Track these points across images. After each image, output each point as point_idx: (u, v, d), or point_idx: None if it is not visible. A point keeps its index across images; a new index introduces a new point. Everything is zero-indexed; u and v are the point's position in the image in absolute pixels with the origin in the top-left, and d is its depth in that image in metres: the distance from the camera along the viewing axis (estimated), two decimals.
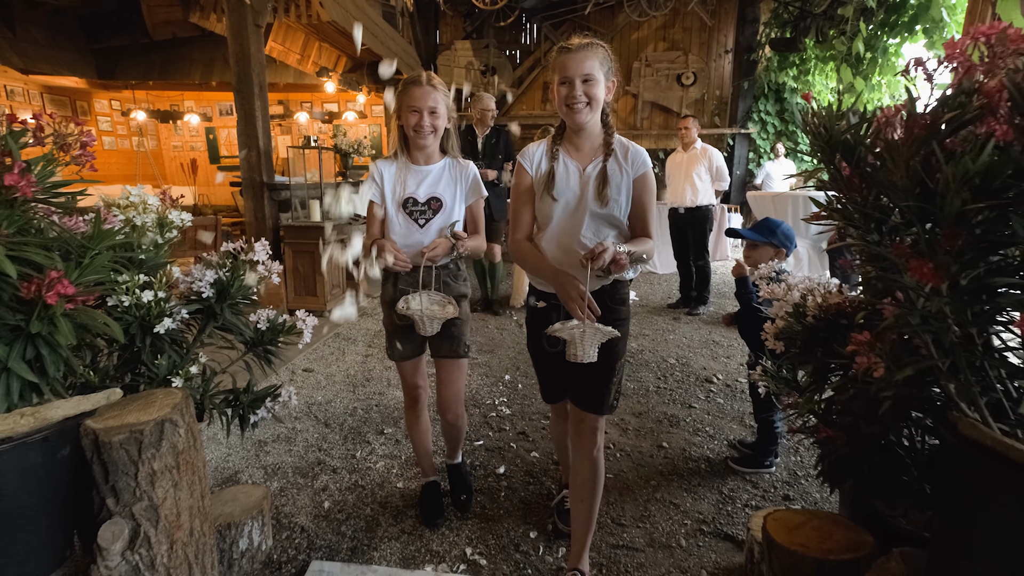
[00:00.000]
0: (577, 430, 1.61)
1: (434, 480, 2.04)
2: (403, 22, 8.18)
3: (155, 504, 1.28)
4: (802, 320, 1.42)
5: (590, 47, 1.45)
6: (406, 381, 1.92)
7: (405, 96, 1.70)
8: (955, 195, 0.79)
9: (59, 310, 1.10)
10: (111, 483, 1.24)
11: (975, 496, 0.93)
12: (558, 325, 1.40)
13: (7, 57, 5.94)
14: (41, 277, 1.09)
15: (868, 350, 1.06)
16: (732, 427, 2.64)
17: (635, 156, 1.53)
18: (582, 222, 1.51)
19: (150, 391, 1.41)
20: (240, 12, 4.08)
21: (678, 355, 3.69)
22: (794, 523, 1.40)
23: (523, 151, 1.60)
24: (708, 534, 1.87)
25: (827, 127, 0.98)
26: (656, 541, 1.84)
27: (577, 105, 1.44)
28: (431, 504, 1.95)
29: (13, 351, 1.09)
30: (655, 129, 9.28)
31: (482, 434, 2.56)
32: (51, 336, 1.12)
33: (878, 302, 1.12)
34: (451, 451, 2.10)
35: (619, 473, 2.24)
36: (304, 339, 1.86)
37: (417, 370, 1.91)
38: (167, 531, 1.31)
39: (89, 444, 1.22)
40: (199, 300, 1.60)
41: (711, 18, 8.68)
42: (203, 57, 7.26)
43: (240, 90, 4.22)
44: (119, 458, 1.23)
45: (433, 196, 1.78)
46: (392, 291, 1.80)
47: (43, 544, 1.19)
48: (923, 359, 0.95)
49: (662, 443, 2.48)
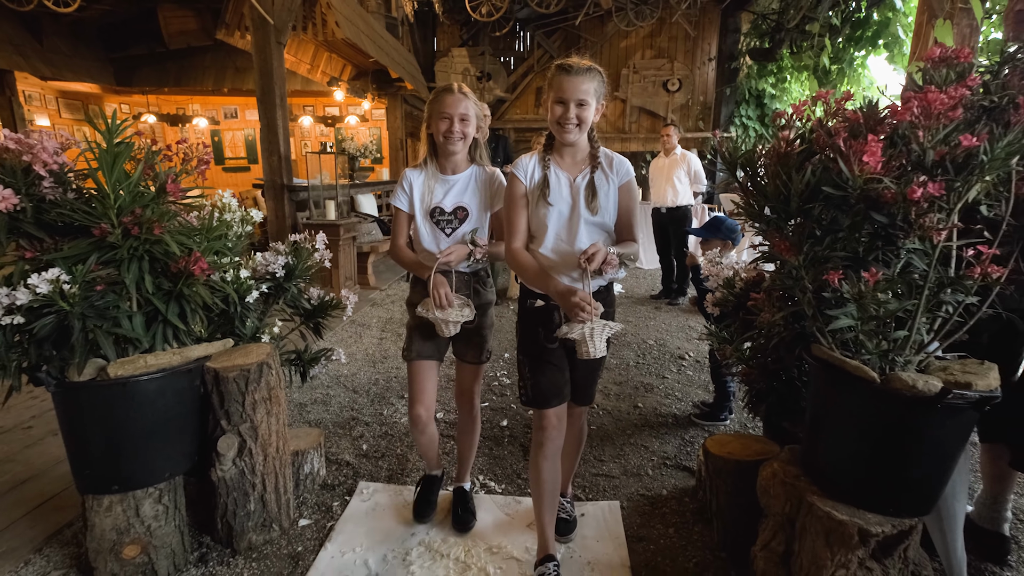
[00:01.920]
0: (571, 416, 1.76)
1: (435, 474, 2.04)
2: (403, 31, 8.64)
3: (255, 425, 1.75)
4: (732, 291, 1.91)
5: (589, 72, 1.51)
6: (412, 386, 1.87)
7: (436, 104, 1.73)
8: (795, 199, 1.27)
9: (201, 279, 1.57)
10: (225, 408, 1.71)
11: (824, 398, 1.42)
12: (565, 328, 1.46)
13: (36, 67, 6.35)
14: (188, 256, 1.55)
15: (765, 304, 1.55)
16: (697, 392, 3.12)
17: (619, 166, 1.63)
18: (578, 230, 1.58)
19: (246, 344, 1.88)
20: (264, 31, 4.53)
21: (656, 337, 4.19)
22: (725, 441, 1.89)
23: (515, 163, 1.64)
24: (670, 466, 2.36)
25: (730, 153, 1.46)
26: (628, 471, 2.32)
27: (569, 126, 1.53)
28: (425, 499, 1.98)
29: (169, 308, 1.55)
30: (642, 133, 9.76)
31: (487, 398, 3.03)
32: (192, 297, 1.58)
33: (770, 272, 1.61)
34: (461, 470, 2.06)
35: (601, 426, 2.72)
36: (347, 313, 2.33)
37: (428, 377, 1.86)
38: (263, 446, 1.77)
39: (211, 379, 1.69)
40: (272, 279, 2.06)
41: (694, 28, 9.16)
42: (215, 65, 7.68)
43: (263, 100, 4.67)
44: (232, 390, 1.70)
45: (459, 206, 1.80)
46: (420, 296, 1.82)
47: (184, 447, 1.65)
48: (791, 306, 1.44)
49: (637, 404, 2.97)
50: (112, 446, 1.51)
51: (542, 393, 1.64)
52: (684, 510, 2.05)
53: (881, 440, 1.28)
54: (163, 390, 1.54)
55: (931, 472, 1.28)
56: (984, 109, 1.17)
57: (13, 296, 1.30)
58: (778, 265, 1.52)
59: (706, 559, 1.80)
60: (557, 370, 1.64)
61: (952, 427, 1.23)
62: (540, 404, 1.64)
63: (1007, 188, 1.16)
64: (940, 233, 1.12)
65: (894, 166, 1.19)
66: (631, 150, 9.34)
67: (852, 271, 1.23)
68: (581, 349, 1.46)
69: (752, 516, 1.64)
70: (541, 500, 1.69)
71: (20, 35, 6.28)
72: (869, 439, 1.30)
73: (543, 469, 1.65)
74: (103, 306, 1.42)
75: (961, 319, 1.26)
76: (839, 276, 1.22)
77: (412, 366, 1.86)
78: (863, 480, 1.33)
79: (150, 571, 1.62)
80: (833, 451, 1.41)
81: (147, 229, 1.48)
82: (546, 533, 1.71)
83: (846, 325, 1.24)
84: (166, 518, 1.64)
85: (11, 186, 1.40)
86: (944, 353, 1.38)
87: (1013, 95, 1.12)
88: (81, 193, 1.54)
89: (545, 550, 1.71)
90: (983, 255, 1.16)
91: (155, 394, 1.52)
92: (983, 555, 1.79)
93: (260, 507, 1.81)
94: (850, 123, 1.26)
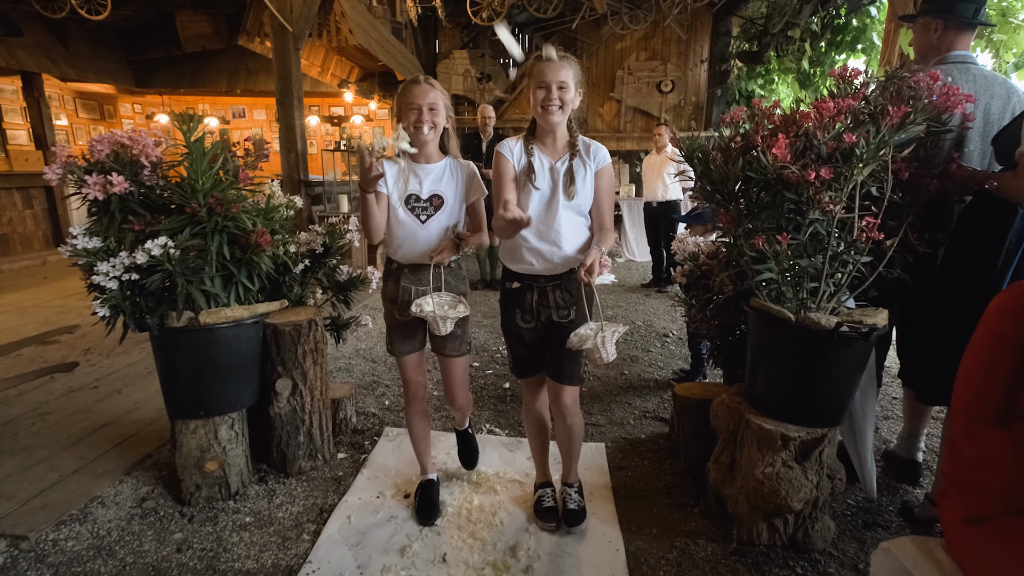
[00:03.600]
0: (559, 402, 1.82)
1: (431, 478, 2.06)
2: (406, 34, 9.02)
3: (304, 372, 2.14)
4: (696, 263, 2.31)
5: (565, 59, 1.62)
6: (407, 376, 1.96)
7: (405, 95, 1.76)
8: (732, 183, 1.67)
9: (268, 251, 1.96)
10: (281, 355, 2.10)
11: (758, 338, 1.82)
12: (575, 339, 1.55)
13: (63, 69, 6.73)
14: (256, 231, 1.94)
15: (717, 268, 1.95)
16: (678, 363, 3.52)
17: (596, 152, 1.72)
18: (557, 213, 1.68)
19: (295, 306, 2.27)
20: (283, 37, 4.91)
21: (644, 319, 4.58)
22: (691, 387, 2.29)
23: (501, 143, 1.73)
24: (649, 418, 2.75)
25: (687, 146, 1.86)
26: (613, 421, 2.71)
27: (552, 107, 1.61)
28: (427, 504, 1.97)
29: (241, 272, 1.94)
30: (637, 132, 10.13)
31: (492, 367, 3.43)
32: (257, 265, 1.97)
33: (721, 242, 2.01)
34: (460, 421, 2.20)
35: (591, 388, 3.12)
36: (371, 287, 2.72)
37: (418, 366, 1.97)
38: (310, 389, 2.17)
39: (270, 331, 2.08)
40: (312, 255, 2.45)
41: (685, 32, 9.54)
42: (228, 67, 8.06)
43: (282, 103, 5.05)
44: (286, 341, 2.09)
45: (435, 193, 1.82)
46: (395, 288, 1.86)
47: (251, 385, 2.05)
48: (734, 267, 1.83)
49: (624, 372, 3.37)
50: (199, 380, 1.90)
51: (520, 363, 1.86)
52: (658, 448, 2.45)
53: (797, 367, 1.68)
54: (237, 337, 1.93)
55: (835, 391, 1.68)
56: (869, 115, 1.56)
57: (133, 257, 1.69)
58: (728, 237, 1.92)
59: (673, 481, 2.19)
60: (531, 346, 1.80)
61: (848, 354, 1.63)
62: (519, 374, 1.89)
63: (886, 172, 1.56)
64: (832, 206, 1.51)
65: (810, 157, 1.59)
66: (626, 148, 9.73)
67: (773, 237, 1.63)
68: (593, 356, 1.55)
69: (709, 445, 2.04)
70: (533, 439, 2.01)
71: (47, 40, 6.66)
72: (789, 367, 1.70)
73: (530, 419, 1.97)
74: (195, 268, 1.82)
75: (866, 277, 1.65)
76: (762, 240, 1.61)
77: (400, 360, 1.96)
78: (785, 399, 1.73)
79: (224, 484, 2.01)
80: (764, 379, 1.81)
81: (226, 208, 1.87)
82: (543, 463, 2.01)
83: (768, 277, 1.64)
84: (236, 442, 2.03)
85: (123, 174, 1.79)
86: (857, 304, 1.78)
87: (883, 105, 1.51)
88: (168, 180, 1.93)
89: (543, 477, 2.01)
90: (871, 224, 1.56)
91: (232, 339, 1.92)
92: (901, 478, 2.19)
93: (307, 439, 2.20)
94: (774, 125, 1.66)
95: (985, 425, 1.05)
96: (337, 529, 1.87)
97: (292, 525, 1.91)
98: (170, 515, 1.94)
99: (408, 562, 1.73)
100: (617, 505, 2.04)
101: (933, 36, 1.98)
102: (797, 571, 1.71)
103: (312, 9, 4.96)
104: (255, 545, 1.80)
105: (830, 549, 1.78)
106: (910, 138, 1.52)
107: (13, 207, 6.52)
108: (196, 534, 1.85)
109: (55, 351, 3.58)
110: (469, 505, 2.03)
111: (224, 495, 2.02)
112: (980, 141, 1.87)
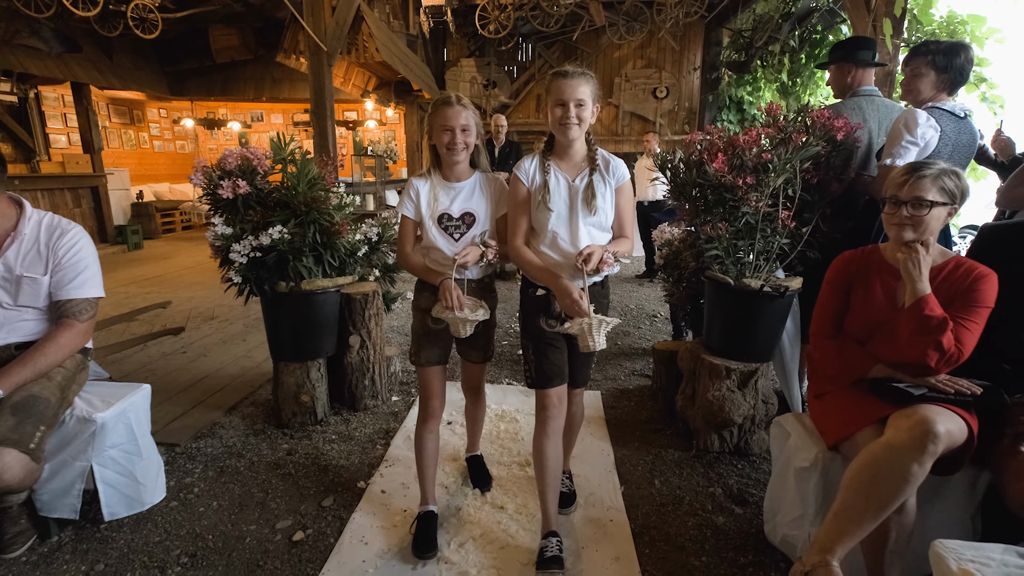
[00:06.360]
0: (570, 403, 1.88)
1: (432, 510, 1.95)
2: (418, 44, 9.68)
3: (370, 330, 2.80)
4: (671, 247, 2.97)
5: (583, 76, 1.63)
6: (428, 391, 1.91)
7: (437, 117, 1.75)
8: (690, 186, 2.32)
9: (344, 238, 2.61)
10: (352, 318, 2.76)
11: (710, 300, 2.47)
12: (567, 323, 1.59)
13: (109, 80, 7.39)
14: (338, 223, 2.59)
15: (683, 249, 2.61)
16: (664, 336, 4.18)
17: (616, 168, 1.73)
18: (578, 229, 1.69)
19: (360, 281, 2.93)
20: (319, 56, 5.56)
21: (637, 303, 5.24)
22: (667, 344, 2.95)
23: (517, 165, 1.75)
24: (636, 375, 3.41)
25: (660, 159, 2.50)
26: (607, 377, 3.37)
27: (570, 124, 1.63)
28: (425, 537, 1.85)
29: (327, 253, 2.60)
30: (634, 136, 10.77)
31: (506, 339, 4.08)
32: (338, 248, 2.63)
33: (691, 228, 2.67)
34: (472, 441, 2.27)
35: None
36: None
37: (439, 381, 1.92)
38: (374, 345, 2.83)
39: (344, 299, 2.73)
40: (369, 243, 3.10)
41: (678, 42, 10.20)
42: (255, 76, 8.71)
43: (316, 113, 5.69)
44: (357, 307, 2.75)
45: (467, 211, 1.83)
46: (430, 299, 1.83)
47: (332, 339, 2.71)
48: (694, 249, 2.49)
49: (617, 343, 4.02)
50: (297, 333, 2.56)
51: (544, 374, 1.74)
52: (643, 395, 3.10)
53: (736, 318, 2.34)
54: (324, 301, 2.59)
55: (764, 335, 2.34)
56: (781, 140, 2.21)
57: (259, 240, 2.35)
58: None
59: (653, 415, 2.85)
60: (558, 352, 1.74)
61: (772, 308, 2.28)
62: (542, 384, 1.75)
63: (796, 178, 2.21)
64: (757, 203, 2.17)
65: (748, 168, 2.23)
66: (623, 151, 10.37)
67: (718, 225, 2.28)
68: (582, 343, 1.58)
69: (679, 386, 2.69)
70: (544, 479, 1.76)
71: (96, 54, 7.31)
72: (730, 318, 2.36)
73: (546, 448, 1.74)
74: (297, 248, 2.47)
75: (788, 254, 2.31)
76: (711, 227, 2.27)
77: (422, 372, 1.90)
78: (728, 342, 2.38)
79: (312, 412, 2.67)
80: (714, 328, 2.46)
81: (318, 205, 2.52)
82: (549, 510, 1.78)
83: (715, 255, 2.29)
84: (321, 381, 2.69)
85: (245, 179, 2.44)
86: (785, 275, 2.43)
87: (790, 132, 2.16)
88: (269, 183, 2.59)
89: (548, 526, 1.78)
90: (787, 215, 2.22)
91: (321, 303, 2.57)
92: None
93: (371, 383, 2.86)
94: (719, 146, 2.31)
95: (824, 338, 1.71)
96: (402, 441, 2.53)
97: (367, 440, 2.56)
98: (275, 434, 2.60)
99: (458, 466, 2.38)
100: (609, 430, 2.69)
101: (847, 76, 2.63)
102: (738, 468, 2.36)
103: (344, 30, 5.60)
104: (344, 452, 2.46)
105: (764, 454, 2.44)
106: (810, 155, 2.17)
107: (65, 206, 7.18)
108: (299, 445, 2.50)
109: (141, 325, 4.25)
110: (497, 429, 2.68)
111: (312, 421, 2.68)
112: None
